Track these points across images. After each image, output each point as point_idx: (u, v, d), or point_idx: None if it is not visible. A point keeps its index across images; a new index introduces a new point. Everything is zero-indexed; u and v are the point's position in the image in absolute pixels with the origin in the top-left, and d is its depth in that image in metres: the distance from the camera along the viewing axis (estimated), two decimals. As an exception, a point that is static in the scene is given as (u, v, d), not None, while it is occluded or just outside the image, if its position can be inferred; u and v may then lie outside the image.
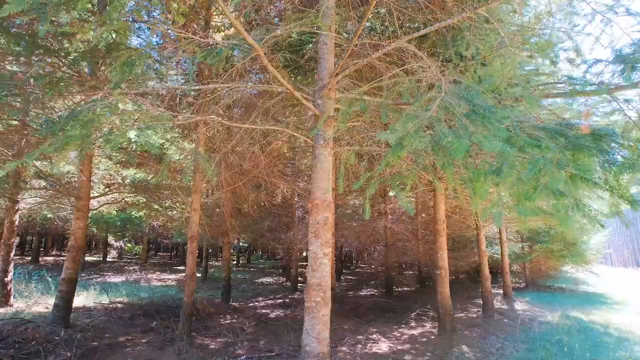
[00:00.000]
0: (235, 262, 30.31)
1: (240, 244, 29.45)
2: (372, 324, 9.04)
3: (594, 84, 1.80)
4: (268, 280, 19.65)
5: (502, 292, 13.72)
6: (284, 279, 19.82)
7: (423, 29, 3.76)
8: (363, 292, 15.51)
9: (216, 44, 3.30)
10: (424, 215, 16.07)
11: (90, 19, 5.25)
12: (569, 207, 1.74)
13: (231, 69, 5.12)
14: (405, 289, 17.33)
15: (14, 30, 5.39)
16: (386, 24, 4.58)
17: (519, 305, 12.02)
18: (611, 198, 1.62)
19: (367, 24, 6.70)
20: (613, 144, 1.64)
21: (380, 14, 5.05)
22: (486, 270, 10.85)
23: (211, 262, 29.87)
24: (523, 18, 3.55)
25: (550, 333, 7.94)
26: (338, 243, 19.29)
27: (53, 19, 3.41)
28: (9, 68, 5.99)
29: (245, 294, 13.85)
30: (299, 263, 16.23)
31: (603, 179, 1.65)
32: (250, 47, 3.40)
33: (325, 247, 4.12)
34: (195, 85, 3.66)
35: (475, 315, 10.28)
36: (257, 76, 7.03)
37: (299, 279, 15.80)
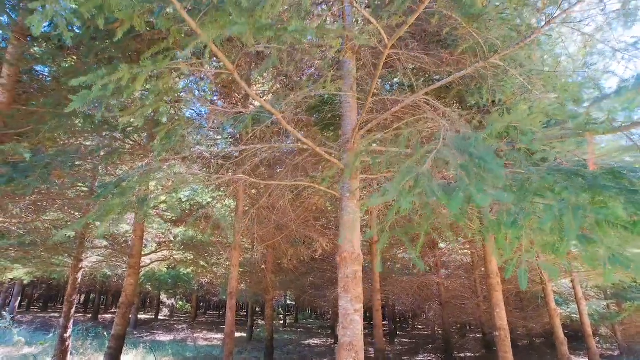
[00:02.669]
0: (282, 322, 29.46)
1: (288, 301, 28.85)
2: (426, 395, 8.04)
3: (599, 122, 1.64)
4: (315, 341, 18.68)
5: (586, 360, 11.61)
6: (332, 340, 18.72)
7: (440, 80, 3.84)
8: (420, 357, 14.04)
9: (241, 112, 3.66)
10: (482, 269, 14.69)
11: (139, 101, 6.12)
12: (604, 258, 1.52)
13: (267, 130, 5.53)
14: (468, 354, 15.41)
15: (88, 112, 6.43)
16: (407, 80, 4.74)
17: (609, 378, 10.04)
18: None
19: (395, 80, 6.99)
20: (635, 181, 1.46)
21: (399, 71, 5.27)
22: (560, 333, 9.43)
23: (258, 321, 29.34)
24: (546, 61, 3.50)
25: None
26: (389, 301, 18.10)
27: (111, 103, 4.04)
28: (85, 143, 7.06)
29: (290, 357, 13.22)
30: (346, 323, 15.26)
31: (631, 221, 1.44)
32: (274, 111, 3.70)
33: (356, 302, 3.91)
34: (227, 148, 4.01)
35: (552, 389, 8.74)
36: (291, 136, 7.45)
37: (346, 340, 14.76)
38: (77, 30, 5.33)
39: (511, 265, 1.95)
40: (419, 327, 31.21)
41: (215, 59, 6.44)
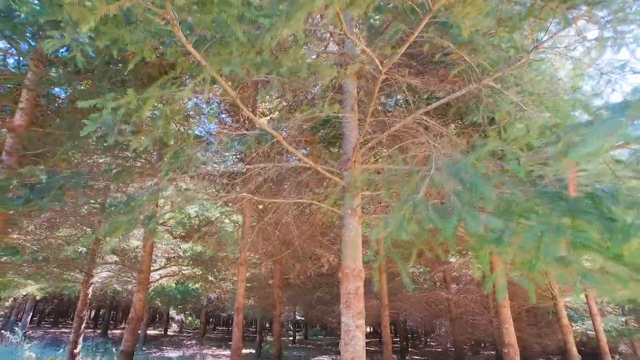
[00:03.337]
0: (291, 338, 29.09)
1: (297, 317, 28.55)
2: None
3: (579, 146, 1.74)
4: (324, 358, 18.39)
5: (602, 379, 11.20)
6: (340, 357, 18.39)
7: (441, 98, 3.96)
8: (429, 375, 13.70)
9: (245, 134, 3.82)
10: (494, 284, 14.35)
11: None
12: (576, 277, 1.58)
13: (271, 148, 5.70)
14: (481, 372, 14.97)
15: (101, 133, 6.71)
16: (407, 98, 4.87)
17: (628, 399, 9.68)
18: (617, 267, 1.43)
19: (398, 97, 7.14)
20: (612, 207, 1.53)
21: (398, 91, 5.41)
22: (574, 350, 9.20)
23: (267, 338, 29.02)
24: (540, 82, 3.59)
25: None
26: (399, 317, 17.80)
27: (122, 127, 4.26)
28: (98, 160, 7.33)
29: (298, 374, 13.05)
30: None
31: (605, 246, 1.50)
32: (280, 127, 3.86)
33: (357, 318, 3.95)
34: (233, 167, 4.17)
35: (566, 410, 8.45)
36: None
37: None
38: (92, 55, 5.63)
39: (490, 279, 2.02)
40: (432, 343, 30.46)
41: (223, 78, 6.65)
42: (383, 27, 3.52)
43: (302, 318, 28.83)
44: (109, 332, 23.67)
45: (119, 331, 26.10)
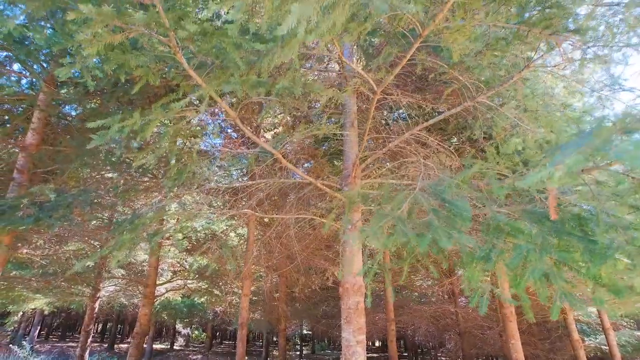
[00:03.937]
0: (298, 353, 28.68)
1: (305, 331, 28.20)
2: None
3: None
4: (330, 373, 18.08)
5: (617, 396, 10.83)
6: (347, 372, 18.05)
7: (434, 117, 4.04)
8: (437, 392, 13.38)
9: (246, 153, 3.94)
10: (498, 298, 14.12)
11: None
12: (557, 295, 1.62)
13: (274, 164, 5.80)
14: (490, 389, 14.58)
15: (109, 146, 6.90)
16: (407, 113, 4.95)
17: (644, 418, 9.35)
18: (594, 287, 1.46)
19: (401, 112, 7.24)
20: (595, 228, 1.57)
21: (398, 107, 5.50)
22: (585, 367, 8.93)
23: (274, 352, 28.66)
24: (534, 98, 3.66)
25: None
26: (407, 331, 17.51)
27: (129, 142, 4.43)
28: (106, 175, 7.52)
29: (303, 390, 12.85)
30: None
31: (585, 266, 1.54)
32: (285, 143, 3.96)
33: (358, 333, 3.95)
34: (235, 183, 4.28)
35: None
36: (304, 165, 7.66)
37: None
38: (100, 76, 5.85)
39: (476, 294, 2.05)
40: (442, 358, 29.74)
41: (227, 95, 6.86)
42: (380, 49, 3.63)
43: (309, 332, 28.46)
44: (115, 346, 23.61)
45: (126, 345, 26.00)
